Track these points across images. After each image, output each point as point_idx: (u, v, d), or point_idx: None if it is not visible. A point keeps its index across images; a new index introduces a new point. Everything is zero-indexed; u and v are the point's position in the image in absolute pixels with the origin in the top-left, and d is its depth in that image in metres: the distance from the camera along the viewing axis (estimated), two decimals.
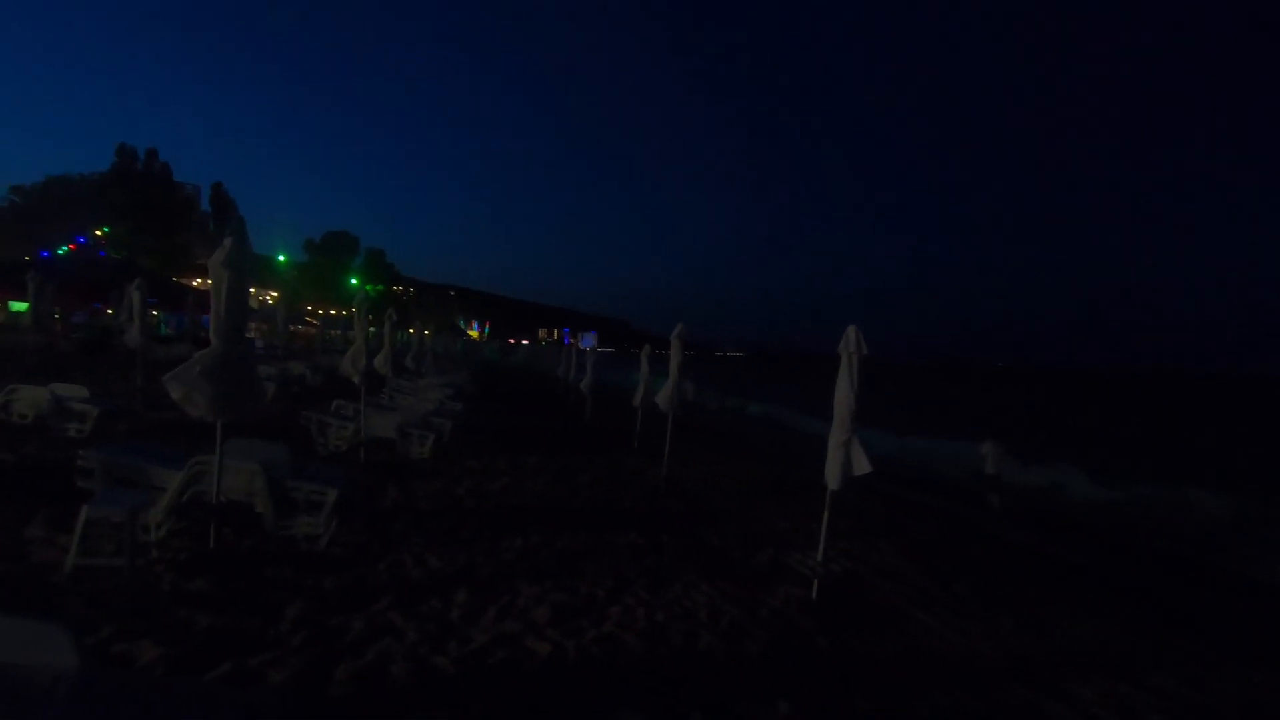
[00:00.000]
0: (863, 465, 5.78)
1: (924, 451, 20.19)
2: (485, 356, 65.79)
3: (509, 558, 6.15)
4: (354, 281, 70.61)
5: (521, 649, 4.32)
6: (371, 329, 15.53)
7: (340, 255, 73.55)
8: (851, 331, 5.76)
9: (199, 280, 47.29)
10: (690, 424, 21.52)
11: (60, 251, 68.19)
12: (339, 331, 46.76)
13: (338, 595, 4.84)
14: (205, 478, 5.42)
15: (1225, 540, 12.45)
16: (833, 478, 5.86)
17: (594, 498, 9.11)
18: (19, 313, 27.54)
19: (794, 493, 11.14)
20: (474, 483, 9.11)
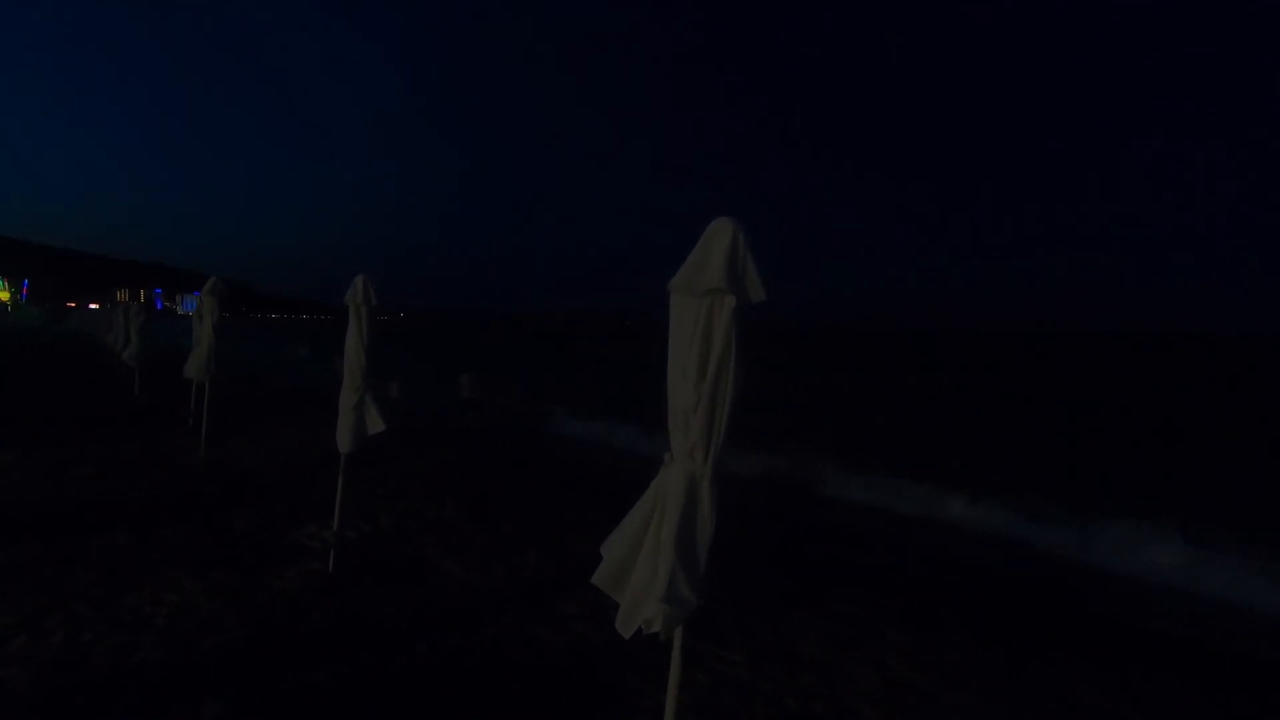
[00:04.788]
0: (376, 424, 5.49)
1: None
2: (15, 323, 49.59)
3: None
4: None
5: None
6: None
7: None
8: (359, 281, 5.34)
9: None
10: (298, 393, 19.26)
11: None
12: None
13: None
14: None
15: None
16: (344, 440, 5.46)
17: (86, 493, 7.26)
18: None
19: (379, 458, 10.55)
20: None
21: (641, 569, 2.27)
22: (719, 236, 2.16)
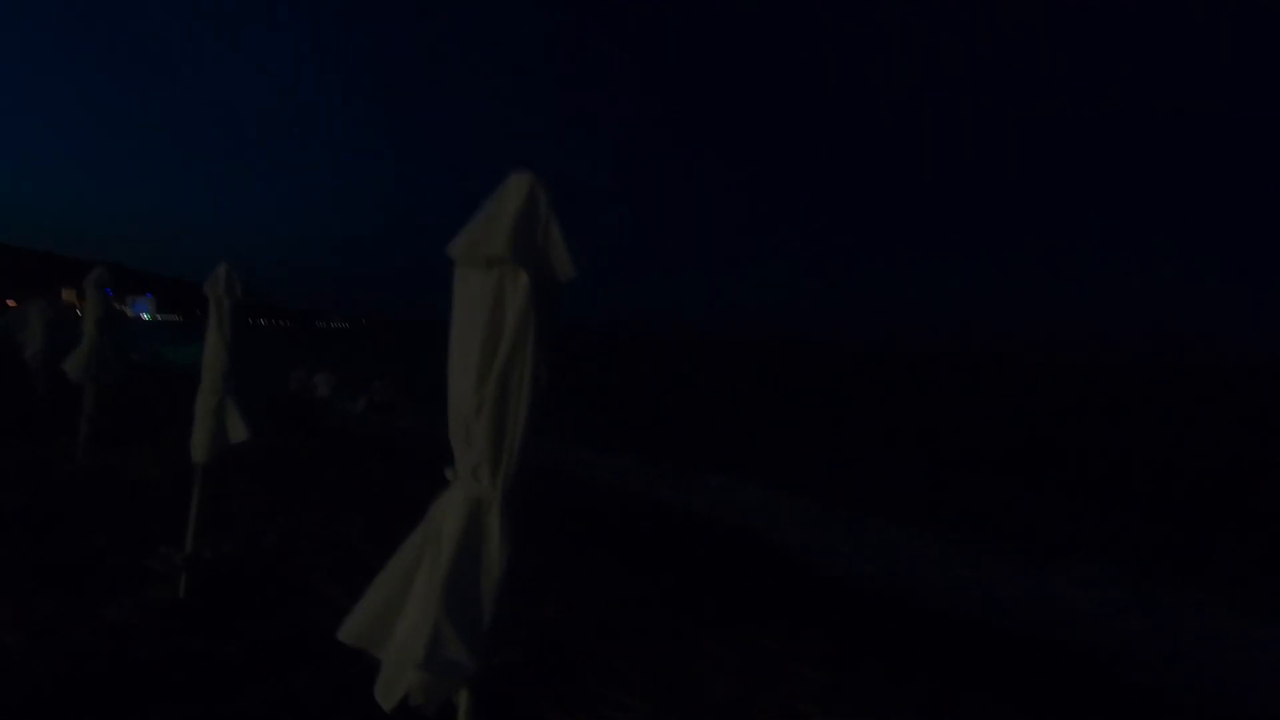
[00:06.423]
0: (239, 432, 4.87)
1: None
2: None
3: None
4: None
5: None
6: None
7: None
8: (222, 270, 4.75)
9: None
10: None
11: None
12: None
13: None
14: None
15: None
16: (200, 448, 4.82)
17: None
18: None
19: (299, 466, 9.85)
20: None
21: (408, 620, 1.76)
22: (512, 195, 1.68)
